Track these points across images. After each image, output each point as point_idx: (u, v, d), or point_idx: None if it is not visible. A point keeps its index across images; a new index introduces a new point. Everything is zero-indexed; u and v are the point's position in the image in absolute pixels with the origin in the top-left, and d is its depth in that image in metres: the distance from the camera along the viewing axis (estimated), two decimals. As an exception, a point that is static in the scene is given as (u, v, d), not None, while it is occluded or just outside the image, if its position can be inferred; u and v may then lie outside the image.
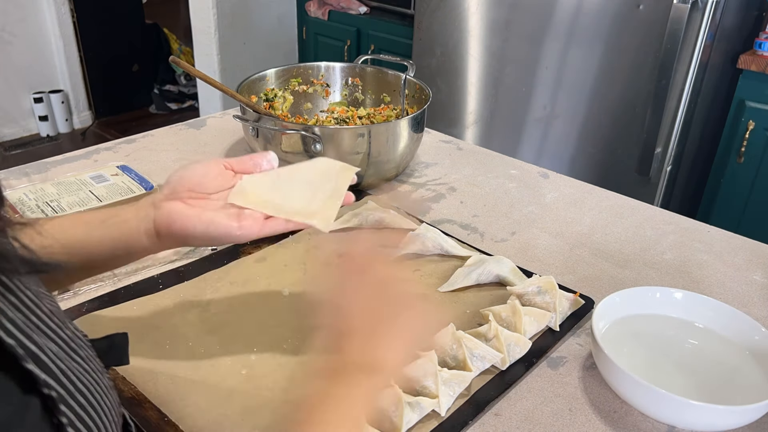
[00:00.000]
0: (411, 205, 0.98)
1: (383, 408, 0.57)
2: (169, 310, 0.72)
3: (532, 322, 0.70)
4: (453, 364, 0.65)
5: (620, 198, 1.03)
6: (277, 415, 0.59)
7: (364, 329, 0.50)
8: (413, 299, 0.55)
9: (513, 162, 1.15)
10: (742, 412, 0.56)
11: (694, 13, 1.57)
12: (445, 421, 0.59)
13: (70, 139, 3.54)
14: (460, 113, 2.10)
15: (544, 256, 0.87)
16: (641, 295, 0.71)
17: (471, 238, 0.90)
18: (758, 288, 0.82)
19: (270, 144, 0.96)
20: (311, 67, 1.18)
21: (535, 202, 1.01)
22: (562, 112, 1.87)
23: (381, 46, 2.55)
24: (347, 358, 0.49)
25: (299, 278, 0.79)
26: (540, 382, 0.65)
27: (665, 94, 1.64)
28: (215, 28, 2.70)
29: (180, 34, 3.93)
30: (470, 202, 1.00)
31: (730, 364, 0.66)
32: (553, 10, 1.78)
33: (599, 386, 0.65)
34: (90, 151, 1.11)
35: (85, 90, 3.60)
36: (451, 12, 2.00)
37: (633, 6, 1.65)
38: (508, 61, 1.94)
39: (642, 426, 0.61)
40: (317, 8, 2.75)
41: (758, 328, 0.66)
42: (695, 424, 0.59)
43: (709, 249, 0.90)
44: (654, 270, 0.85)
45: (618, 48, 1.72)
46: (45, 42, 3.36)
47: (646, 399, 0.59)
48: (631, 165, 1.78)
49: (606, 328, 0.69)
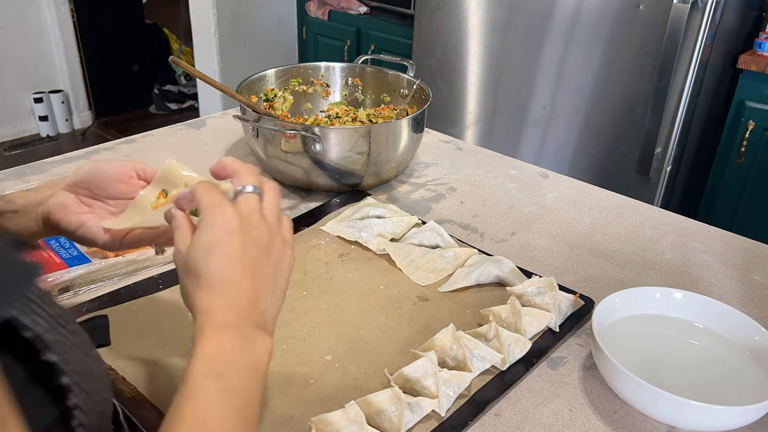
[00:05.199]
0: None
1: (383, 408, 0.57)
2: (169, 310, 0.72)
3: (532, 323, 0.70)
4: (453, 364, 0.65)
5: (620, 198, 1.03)
6: (275, 415, 0.60)
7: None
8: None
9: (513, 162, 1.15)
10: (742, 412, 0.56)
11: (694, 13, 1.57)
12: (445, 422, 0.59)
13: (70, 139, 3.54)
14: (460, 113, 2.10)
15: (543, 256, 0.87)
16: (641, 296, 0.71)
17: (471, 238, 0.90)
18: (758, 288, 0.82)
19: (270, 144, 0.96)
20: (311, 67, 1.18)
21: (535, 202, 1.01)
22: (562, 112, 1.88)
23: (381, 46, 2.55)
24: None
25: (299, 278, 0.79)
26: (540, 382, 0.65)
27: (665, 94, 1.64)
28: (215, 28, 2.70)
29: (180, 34, 3.93)
30: (470, 202, 1.00)
31: (729, 364, 0.66)
32: (553, 10, 1.78)
33: (599, 386, 0.65)
34: (90, 152, 1.11)
35: (85, 90, 3.60)
36: (451, 12, 2.00)
37: (633, 6, 1.65)
38: (508, 62, 1.94)
39: (642, 426, 0.61)
40: (317, 8, 2.75)
41: (758, 328, 0.66)
42: (695, 424, 0.59)
43: (709, 249, 0.90)
44: (654, 270, 0.85)
45: (618, 48, 1.72)
46: (45, 42, 3.36)
47: (646, 399, 0.59)
48: (630, 165, 1.78)
49: (606, 328, 0.69)
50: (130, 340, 0.68)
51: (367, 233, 0.86)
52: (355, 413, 0.56)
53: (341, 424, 0.56)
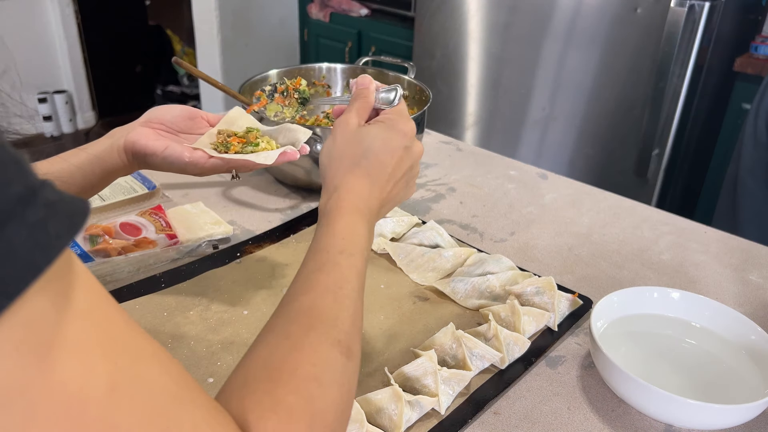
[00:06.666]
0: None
1: (383, 406, 0.58)
2: (171, 309, 0.73)
3: (531, 322, 0.70)
4: (452, 363, 0.65)
5: (618, 199, 1.04)
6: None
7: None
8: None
9: (512, 163, 1.15)
10: (739, 410, 0.57)
11: (691, 16, 1.58)
12: (445, 420, 0.60)
13: (74, 139, 3.55)
14: (459, 114, 2.10)
15: (542, 256, 0.88)
16: (639, 295, 0.72)
17: (470, 238, 0.91)
18: (754, 288, 0.83)
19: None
20: (313, 69, 1.18)
21: (534, 202, 1.02)
22: (560, 113, 1.88)
23: (382, 48, 2.56)
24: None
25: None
26: (539, 381, 0.66)
27: (662, 97, 1.65)
28: (218, 29, 2.71)
29: (183, 35, 3.93)
30: (470, 202, 1.01)
31: (726, 363, 0.67)
32: (552, 13, 1.79)
33: (597, 385, 0.66)
34: (92, 152, 1.11)
35: (88, 90, 3.61)
36: (451, 14, 2.01)
37: (630, 9, 1.66)
38: (507, 64, 1.94)
39: (639, 424, 0.61)
40: (319, 10, 2.76)
41: (754, 328, 0.67)
42: (692, 423, 0.59)
43: (706, 249, 0.91)
44: (651, 270, 0.85)
45: (616, 51, 1.73)
46: (49, 42, 3.37)
47: (644, 398, 0.59)
48: (628, 166, 1.79)
49: (604, 327, 0.69)
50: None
51: (368, 233, 0.87)
52: (356, 411, 0.56)
53: (342, 421, 0.56)
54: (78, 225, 0.22)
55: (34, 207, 0.21)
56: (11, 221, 0.20)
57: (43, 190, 0.22)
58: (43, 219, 0.21)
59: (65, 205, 0.22)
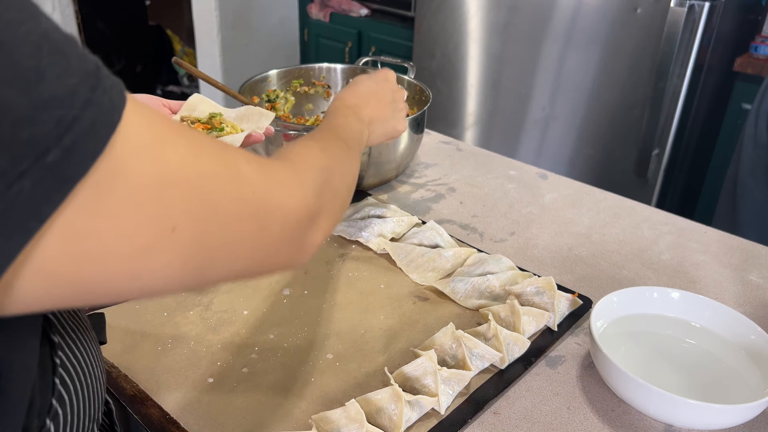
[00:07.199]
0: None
1: (383, 406, 0.58)
2: (171, 309, 0.73)
3: (530, 322, 0.70)
4: (452, 363, 0.65)
5: (618, 199, 1.04)
6: (276, 413, 0.60)
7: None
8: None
9: (512, 163, 1.15)
10: (738, 410, 0.57)
11: (691, 16, 1.58)
12: (445, 420, 0.60)
13: (72, 139, 3.55)
14: (459, 114, 2.11)
15: (542, 256, 0.88)
16: (639, 295, 0.72)
17: (470, 238, 0.91)
18: (754, 288, 0.83)
19: (272, 144, 0.97)
20: (313, 69, 1.18)
21: (534, 202, 1.02)
22: (560, 113, 1.88)
23: (382, 48, 2.56)
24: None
25: (300, 277, 0.80)
26: (538, 381, 0.66)
27: (662, 97, 1.65)
28: (218, 29, 2.71)
29: (183, 35, 3.93)
30: (470, 202, 1.01)
31: (726, 363, 0.67)
32: (552, 13, 1.79)
33: (597, 385, 0.66)
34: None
35: (87, 91, 3.61)
36: (451, 14, 2.01)
37: (630, 9, 1.66)
38: (507, 64, 1.94)
39: (639, 424, 0.61)
40: (319, 10, 2.76)
41: (754, 328, 0.67)
42: (692, 423, 0.59)
43: (706, 249, 0.91)
44: (651, 270, 0.86)
45: (616, 51, 1.73)
46: (48, 43, 3.37)
47: (644, 397, 0.59)
48: (628, 166, 1.79)
49: (604, 327, 0.69)
50: (131, 337, 0.69)
51: (368, 233, 0.87)
52: (356, 411, 0.56)
53: (342, 422, 0.56)
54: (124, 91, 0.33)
55: (105, 74, 0.31)
56: (98, 88, 0.30)
57: (101, 68, 0.31)
58: (113, 82, 0.32)
59: (114, 78, 0.33)
